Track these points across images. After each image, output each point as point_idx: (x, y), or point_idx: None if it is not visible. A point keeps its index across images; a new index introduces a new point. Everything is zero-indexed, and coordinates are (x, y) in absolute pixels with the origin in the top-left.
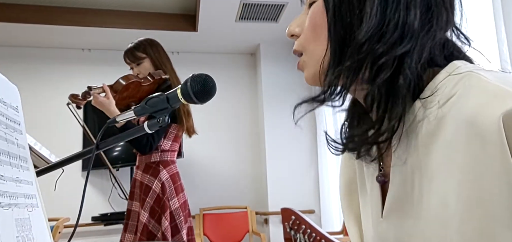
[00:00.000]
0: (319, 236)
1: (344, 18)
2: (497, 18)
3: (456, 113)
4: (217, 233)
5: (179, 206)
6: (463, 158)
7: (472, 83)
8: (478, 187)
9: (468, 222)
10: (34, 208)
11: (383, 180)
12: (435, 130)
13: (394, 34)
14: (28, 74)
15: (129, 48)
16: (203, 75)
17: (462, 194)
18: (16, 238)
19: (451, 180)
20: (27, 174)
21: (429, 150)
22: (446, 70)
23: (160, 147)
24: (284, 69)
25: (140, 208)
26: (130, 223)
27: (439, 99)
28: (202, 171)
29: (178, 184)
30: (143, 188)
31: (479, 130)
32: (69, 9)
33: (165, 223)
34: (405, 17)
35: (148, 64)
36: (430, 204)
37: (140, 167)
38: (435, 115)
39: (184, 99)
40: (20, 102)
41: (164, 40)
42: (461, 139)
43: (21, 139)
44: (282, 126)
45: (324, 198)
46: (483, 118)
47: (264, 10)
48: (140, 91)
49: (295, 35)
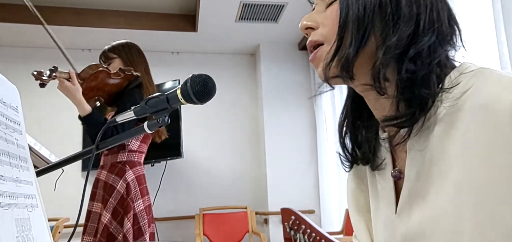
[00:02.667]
0: (319, 236)
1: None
2: (497, 19)
3: (471, 103)
4: (217, 233)
5: (144, 209)
6: (477, 143)
7: (486, 76)
8: (491, 170)
9: (482, 206)
10: (34, 208)
11: (398, 175)
12: (451, 124)
13: (430, 38)
14: (28, 74)
15: (104, 49)
16: (203, 76)
17: (476, 178)
18: (16, 238)
19: (465, 166)
20: (27, 174)
21: (446, 143)
22: (458, 69)
23: (127, 147)
24: (284, 69)
25: (102, 209)
26: (90, 225)
27: (454, 95)
28: (202, 171)
29: (143, 186)
30: (107, 188)
31: (493, 115)
32: (69, 9)
33: (127, 225)
34: (440, 25)
35: (117, 63)
36: (447, 191)
37: (105, 166)
38: (452, 109)
39: (184, 100)
40: (20, 102)
41: (164, 40)
42: (476, 125)
43: (21, 139)
44: (282, 126)
45: (324, 198)
46: (497, 104)
47: (264, 10)
48: (109, 85)
49: (311, 28)
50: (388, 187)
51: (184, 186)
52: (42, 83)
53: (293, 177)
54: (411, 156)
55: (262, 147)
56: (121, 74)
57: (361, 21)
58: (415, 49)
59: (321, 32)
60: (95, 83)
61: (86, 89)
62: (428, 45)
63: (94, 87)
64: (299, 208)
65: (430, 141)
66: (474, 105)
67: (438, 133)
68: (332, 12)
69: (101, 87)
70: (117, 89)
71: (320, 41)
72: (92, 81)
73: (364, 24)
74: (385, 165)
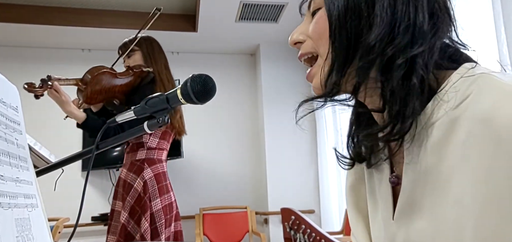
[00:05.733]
0: (319, 236)
1: (352, 22)
2: (497, 19)
3: (471, 114)
4: (217, 233)
5: (162, 208)
6: (478, 157)
7: (486, 83)
8: (493, 187)
9: (483, 222)
10: (34, 208)
11: (396, 181)
12: (449, 132)
13: (405, 36)
14: (28, 74)
15: (125, 40)
16: (203, 76)
17: (477, 194)
18: (16, 238)
19: (466, 181)
20: (27, 174)
21: (443, 151)
22: (458, 72)
23: (146, 144)
24: (284, 69)
25: (122, 208)
26: (113, 224)
27: (453, 101)
28: (202, 171)
29: (163, 184)
30: (126, 186)
31: (494, 130)
32: (69, 9)
33: (144, 225)
34: (414, 19)
35: (138, 57)
36: (446, 205)
37: (126, 165)
38: (449, 117)
39: (184, 100)
40: (20, 102)
41: (164, 40)
42: (476, 138)
43: (21, 139)
44: (282, 126)
45: (324, 198)
46: (498, 117)
47: (264, 10)
48: (117, 85)
49: (299, 42)
50: (386, 190)
51: (184, 186)
52: (36, 95)
53: (293, 177)
54: (407, 165)
55: (262, 147)
56: (131, 72)
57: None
58: (391, 50)
59: (311, 44)
60: (99, 87)
61: (92, 93)
62: (404, 45)
63: (100, 90)
64: (299, 208)
65: (427, 149)
66: (473, 115)
67: (435, 141)
68: (316, 21)
69: (109, 89)
70: (130, 87)
71: (310, 52)
72: (95, 85)
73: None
74: (383, 168)
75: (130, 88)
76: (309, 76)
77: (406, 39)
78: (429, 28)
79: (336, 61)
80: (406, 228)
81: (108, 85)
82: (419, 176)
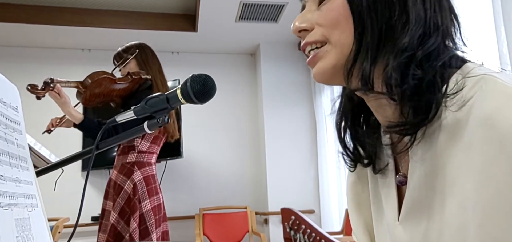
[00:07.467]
0: (319, 236)
1: (383, 14)
2: (497, 18)
3: (473, 116)
4: (217, 233)
5: (151, 209)
6: (481, 160)
7: (489, 86)
8: (496, 190)
9: (486, 226)
10: (34, 208)
11: (404, 180)
12: (453, 134)
13: (437, 38)
14: (28, 74)
15: (118, 50)
16: (203, 75)
17: (480, 198)
18: (16, 238)
19: (469, 184)
20: (27, 174)
21: (449, 154)
22: (460, 72)
23: (137, 148)
24: (284, 69)
25: (112, 208)
26: (104, 223)
27: (456, 102)
28: (202, 171)
29: (152, 186)
30: (116, 188)
31: (496, 133)
32: (69, 9)
33: (133, 225)
34: (442, 20)
35: (133, 65)
36: (451, 208)
37: (117, 167)
38: (453, 118)
39: (184, 99)
40: (20, 102)
41: (164, 40)
42: (478, 141)
43: (21, 139)
44: (282, 126)
45: (324, 198)
46: (501, 120)
47: (264, 10)
48: (116, 90)
49: (304, 30)
50: (391, 192)
51: (184, 186)
52: (37, 96)
53: (293, 177)
54: (414, 165)
55: (262, 147)
56: (129, 78)
57: (372, 21)
58: (422, 51)
59: (320, 32)
60: (99, 90)
61: (91, 95)
62: (435, 47)
63: (99, 94)
64: (299, 208)
65: (432, 150)
66: (477, 118)
67: (441, 143)
68: (331, 9)
69: (107, 93)
70: (127, 92)
71: (319, 41)
72: (95, 88)
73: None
74: (388, 170)
75: (127, 93)
76: (314, 59)
77: (437, 42)
78: (453, 32)
79: (369, 51)
80: (411, 230)
81: (107, 90)
82: (426, 177)
